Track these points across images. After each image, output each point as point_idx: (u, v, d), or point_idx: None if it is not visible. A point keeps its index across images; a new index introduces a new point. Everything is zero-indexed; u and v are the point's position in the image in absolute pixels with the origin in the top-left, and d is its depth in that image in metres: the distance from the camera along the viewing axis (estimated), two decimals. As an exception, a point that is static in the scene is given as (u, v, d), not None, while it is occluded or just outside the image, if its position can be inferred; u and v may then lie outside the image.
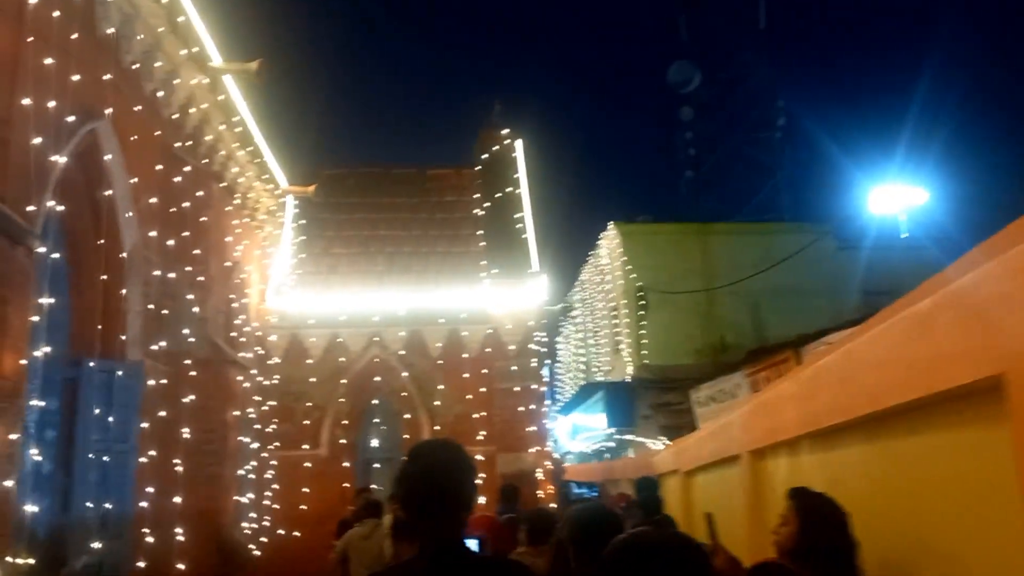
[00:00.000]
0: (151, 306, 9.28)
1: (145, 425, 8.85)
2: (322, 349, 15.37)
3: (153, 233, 9.50)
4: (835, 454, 4.97)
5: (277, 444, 14.81)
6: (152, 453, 9.03)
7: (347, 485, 14.71)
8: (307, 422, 15.11)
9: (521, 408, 15.23)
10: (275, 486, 14.51)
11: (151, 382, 9.21)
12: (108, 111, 8.33)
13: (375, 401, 15.70)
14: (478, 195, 18.23)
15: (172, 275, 9.95)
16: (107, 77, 8.35)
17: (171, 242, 9.88)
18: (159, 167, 9.76)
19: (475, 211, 18.03)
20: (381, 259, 17.17)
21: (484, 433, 15.13)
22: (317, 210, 18.18)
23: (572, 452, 35.59)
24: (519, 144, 18.92)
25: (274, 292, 15.47)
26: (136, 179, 9.08)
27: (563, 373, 43.47)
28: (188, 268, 10.13)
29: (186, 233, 10.06)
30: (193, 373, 9.96)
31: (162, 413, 9.30)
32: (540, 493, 15.01)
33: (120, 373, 8.80)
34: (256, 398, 13.69)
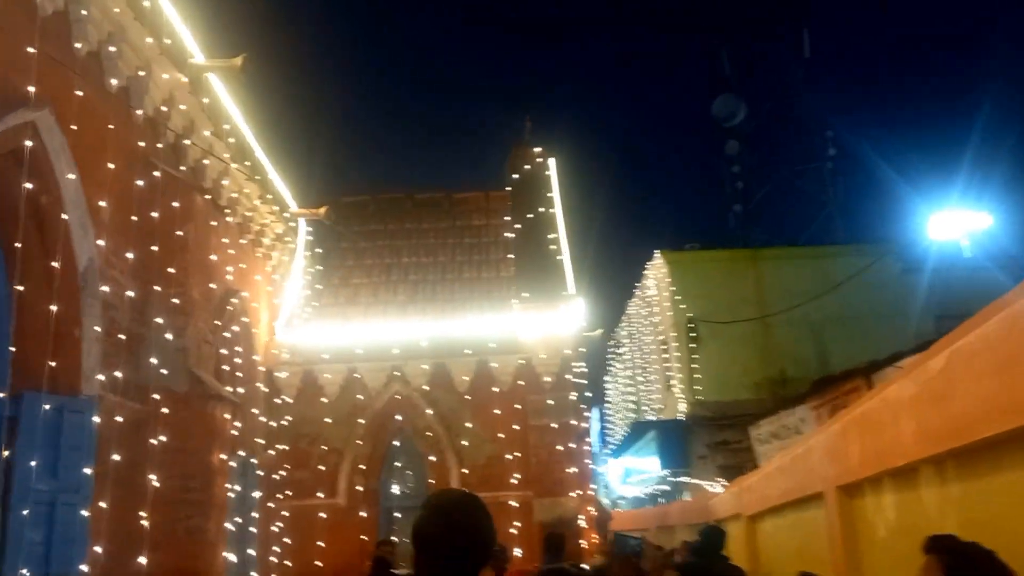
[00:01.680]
0: (99, 330, 7.90)
1: (95, 471, 7.43)
2: (338, 387, 13.93)
3: (113, 246, 8.19)
4: (984, 483, 3.29)
5: (289, 493, 13.34)
6: (108, 504, 7.60)
7: (365, 538, 13.15)
8: (322, 468, 13.62)
9: (559, 447, 13.56)
10: (286, 540, 13.01)
11: (110, 420, 7.83)
12: (36, 95, 7.06)
13: (397, 443, 14.19)
14: (508, 218, 16.84)
15: (140, 296, 8.62)
16: (48, 61, 7.13)
17: (136, 257, 8.56)
18: (123, 172, 8.49)
19: (505, 234, 16.64)
20: (403, 288, 15.80)
21: (518, 476, 13.48)
22: (336, 239, 16.97)
23: (625, 497, 33.62)
24: (552, 163, 17.55)
25: (284, 325, 14.13)
26: (91, 184, 7.80)
27: (612, 414, 41.62)
28: (157, 288, 8.79)
29: (155, 248, 8.74)
30: (166, 410, 8.56)
31: (124, 457, 7.88)
32: (583, 543, 13.28)
33: (71, 410, 7.44)
34: (258, 440, 12.26)
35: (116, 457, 7.63)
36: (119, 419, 7.92)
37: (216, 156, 10.52)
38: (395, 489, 14.12)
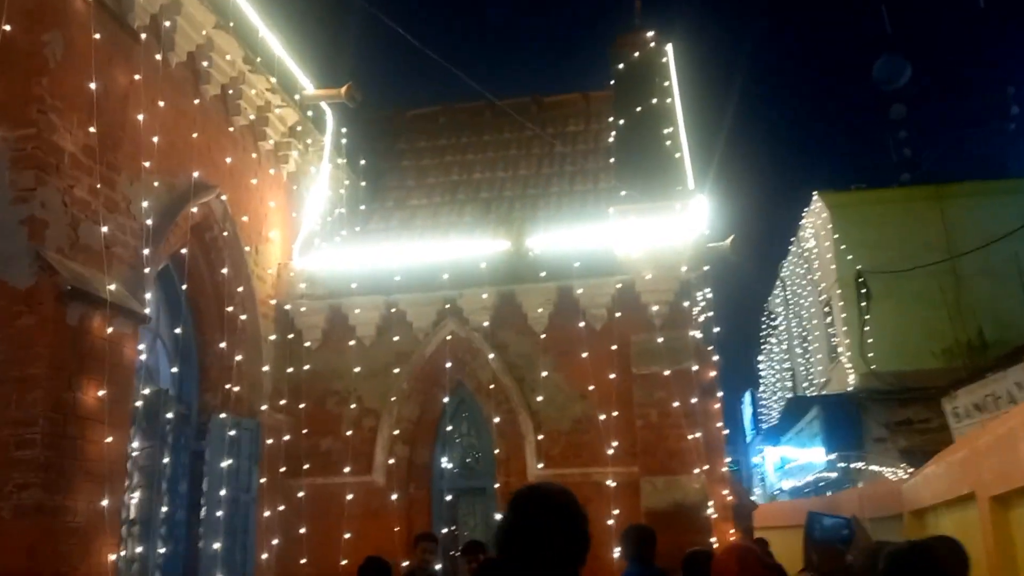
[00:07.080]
0: None
1: None
2: (373, 327, 10.36)
3: None
4: None
5: (306, 466, 9.90)
6: None
7: (398, 529, 9.55)
8: (350, 433, 10.11)
9: (676, 404, 9.45)
10: (301, 531, 9.57)
11: None
12: None
13: (449, 400, 10.46)
14: (612, 119, 12.84)
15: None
16: None
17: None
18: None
19: (608, 139, 12.68)
20: (471, 208, 12.14)
21: (617, 445, 9.50)
22: (396, 157, 13.54)
23: (783, 490, 28.71)
24: (670, 50, 13.41)
25: (303, 247, 10.72)
26: None
27: (768, 398, 36.63)
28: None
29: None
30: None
31: None
32: (714, 541, 9.12)
33: None
34: (232, 388, 8.81)
35: None
36: None
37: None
38: (449, 464, 10.40)
